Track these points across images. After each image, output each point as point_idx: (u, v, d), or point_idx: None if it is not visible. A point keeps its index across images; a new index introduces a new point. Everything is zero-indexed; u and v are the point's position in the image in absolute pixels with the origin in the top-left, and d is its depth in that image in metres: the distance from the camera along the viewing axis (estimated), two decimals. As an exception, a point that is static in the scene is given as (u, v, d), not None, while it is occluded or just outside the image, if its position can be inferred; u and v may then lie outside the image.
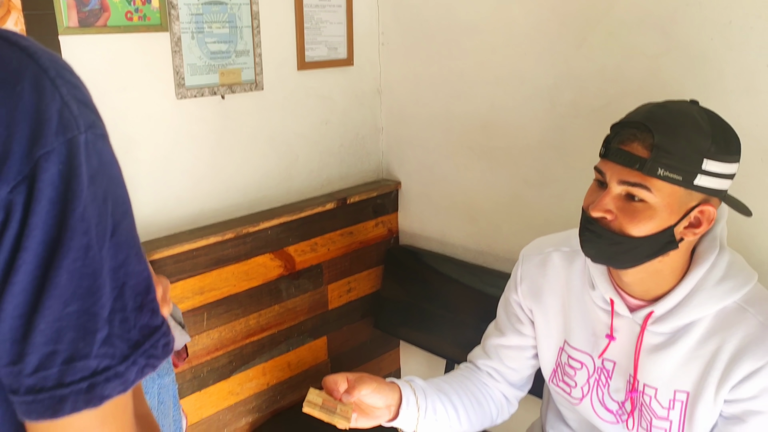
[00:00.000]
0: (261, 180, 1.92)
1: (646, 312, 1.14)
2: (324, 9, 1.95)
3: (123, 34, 1.55)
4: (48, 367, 0.49)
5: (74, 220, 0.49)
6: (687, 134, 0.99)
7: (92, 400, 0.51)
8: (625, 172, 1.02)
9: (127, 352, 0.52)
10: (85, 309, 0.50)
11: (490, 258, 2.01)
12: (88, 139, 0.50)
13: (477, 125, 1.93)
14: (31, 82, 0.48)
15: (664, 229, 1.03)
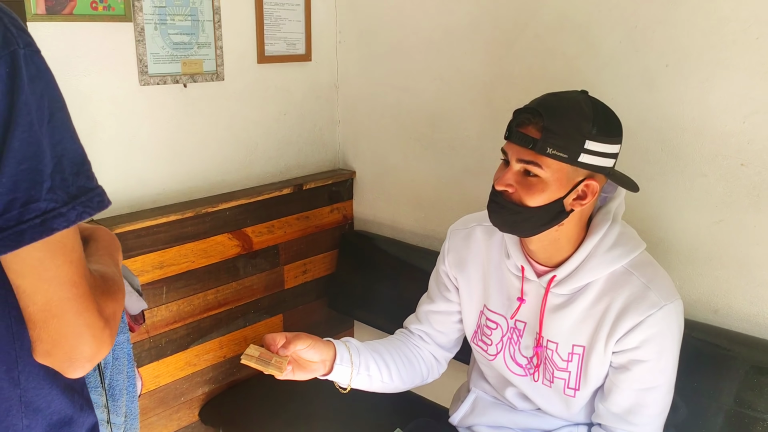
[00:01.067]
0: (221, 165, 2.05)
1: (549, 276, 1.30)
2: (283, 7, 2.10)
3: (88, 22, 1.68)
4: (10, 210, 0.67)
5: (19, 104, 0.67)
6: (572, 118, 1.16)
7: (44, 231, 0.68)
8: (522, 152, 1.18)
9: (67, 200, 0.70)
10: (33, 167, 0.68)
11: (435, 242, 2.16)
12: (26, 53, 0.68)
13: (424, 118, 2.09)
14: None
15: (555, 200, 1.19)
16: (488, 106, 1.90)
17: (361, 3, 2.18)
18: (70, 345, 0.72)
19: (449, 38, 1.95)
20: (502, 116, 1.86)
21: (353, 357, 1.38)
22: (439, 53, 2.00)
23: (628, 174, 1.27)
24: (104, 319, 0.75)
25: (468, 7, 1.88)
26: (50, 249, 0.70)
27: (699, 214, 1.53)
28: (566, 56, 1.68)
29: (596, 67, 1.62)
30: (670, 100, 1.52)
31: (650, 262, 1.28)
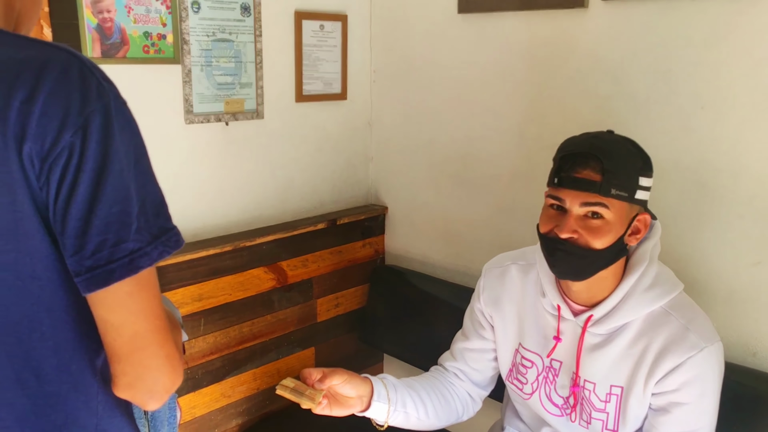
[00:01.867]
0: (259, 200, 2.11)
1: (586, 315, 1.31)
2: (321, 48, 2.17)
3: (140, 65, 1.75)
4: (101, 250, 0.73)
5: (112, 152, 0.73)
6: (625, 158, 1.20)
7: (132, 270, 0.74)
8: (584, 196, 1.20)
9: (150, 240, 0.76)
10: (123, 209, 0.74)
11: (466, 277, 2.18)
12: (116, 104, 0.75)
13: (456, 156, 2.13)
14: (77, 69, 0.73)
15: (617, 239, 1.22)
16: (521, 146, 1.94)
17: (395, 44, 2.25)
18: (152, 377, 0.77)
19: (482, 78, 2.00)
20: (535, 155, 1.90)
21: (390, 393, 1.40)
22: (472, 93, 2.04)
23: (663, 215, 1.29)
24: (178, 350, 0.80)
25: (501, 49, 1.93)
26: (138, 284, 0.75)
27: (736, 256, 1.54)
28: (599, 97, 1.72)
29: (630, 108, 1.66)
30: (705, 141, 1.55)
31: (689, 303, 1.29)
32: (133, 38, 1.72)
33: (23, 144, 0.70)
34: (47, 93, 0.70)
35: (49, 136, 0.70)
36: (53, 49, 0.74)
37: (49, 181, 0.72)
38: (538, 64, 1.84)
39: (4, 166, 0.70)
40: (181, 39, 1.82)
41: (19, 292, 0.74)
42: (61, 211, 0.72)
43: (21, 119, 0.69)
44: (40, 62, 0.72)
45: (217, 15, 1.88)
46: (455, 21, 2.03)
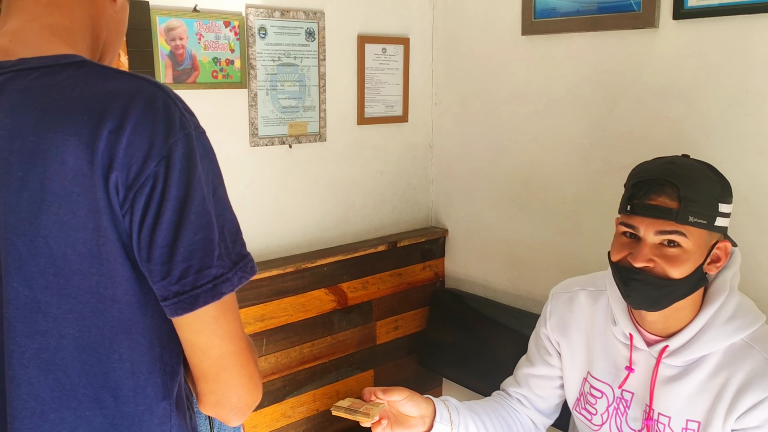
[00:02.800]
0: (320, 222, 2.12)
1: (661, 346, 1.26)
2: (383, 71, 2.19)
3: (209, 90, 1.80)
4: (186, 276, 0.75)
5: (195, 181, 0.75)
6: (703, 184, 1.16)
7: (216, 295, 0.76)
8: (660, 224, 1.15)
9: (231, 266, 0.78)
10: (206, 236, 0.76)
11: (528, 302, 2.14)
12: (196, 134, 0.77)
13: (518, 179, 2.10)
14: (161, 100, 0.76)
15: (696, 268, 1.17)
16: (586, 169, 1.90)
17: (457, 66, 2.25)
18: (237, 395, 0.80)
19: (546, 99, 1.97)
20: (601, 179, 1.85)
21: (453, 416, 1.38)
22: (535, 114, 2.02)
23: (741, 242, 1.24)
24: (258, 370, 0.82)
25: (567, 71, 1.90)
26: (223, 308, 0.78)
27: (820, 285, 1.46)
28: (670, 120, 1.67)
29: (703, 131, 1.60)
30: (784, 165, 1.48)
31: (772, 337, 1.23)
32: (203, 64, 1.77)
33: (110, 173, 0.72)
34: (134, 123, 0.73)
35: (135, 166, 0.73)
36: (140, 81, 0.77)
37: (133, 208, 0.74)
38: (605, 85, 1.81)
39: (91, 193, 0.73)
40: (248, 64, 1.86)
41: (100, 315, 0.76)
42: (147, 238, 0.75)
43: (109, 149, 0.72)
44: (127, 94, 0.74)
45: (283, 40, 1.92)
46: (519, 43, 2.01)
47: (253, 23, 1.85)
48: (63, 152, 0.72)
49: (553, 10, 1.88)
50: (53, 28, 0.81)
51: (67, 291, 0.75)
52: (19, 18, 0.81)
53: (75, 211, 0.73)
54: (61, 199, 0.72)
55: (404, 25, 2.24)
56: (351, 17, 2.09)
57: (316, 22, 1.98)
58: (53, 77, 0.76)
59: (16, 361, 0.76)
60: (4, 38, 0.80)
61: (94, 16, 0.87)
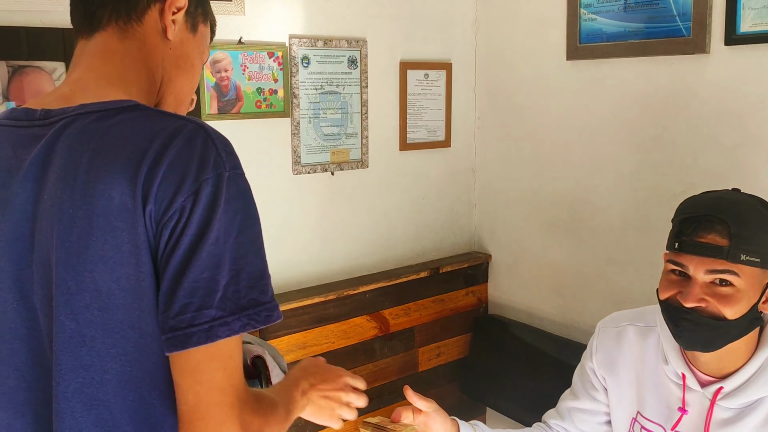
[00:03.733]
0: (362, 248, 2.12)
1: (716, 387, 1.21)
2: (425, 97, 2.18)
3: (252, 119, 1.82)
4: (184, 313, 0.74)
5: (215, 220, 0.75)
6: (755, 220, 1.10)
7: (210, 337, 0.74)
8: (710, 262, 1.10)
9: (235, 311, 0.76)
10: (212, 277, 0.75)
11: (574, 331, 2.09)
12: (230, 175, 0.77)
13: (564, 205, 2.06)
14: (201, 139, 0.77)
15: (750, 307, 1.12)
16: (634, 196, 1.85)
17: (500, 91, 2.22)
18: None
19: (592, 125, 1.94)
20: (651, 207, 1.80)
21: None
22: (581, 139, 1.98)
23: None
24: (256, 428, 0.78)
25: (613, 96, 1.86)
26: (208, 353, 0.76)
27: None
28: (723, 147, 1.61)
29: (760, 158, 1.55)
30: None
31: (835, 380, 1.16)
32: (247, 94, 1.79)
33: (146, 206, 0.74)
34: (171, 159, 0.75)
35: (166, 200, 0.74)
36: (184, 120, 0.80)
37: (159, 241, 0.76)
38: (654, 111, 1.76)
39: (133, 227, 0.75)
40: (291, 93, 1.88)
41: (143, 350, 0.77)
42: (162, 270, 0.76)
43: (147, 183, 0.74)
44: (169, 132, 0.77)
45: (326, 69, 1.93)
46: (564, 68, 1.98)
47: (297, 53, 1.87)
48: (110, 189, 0.75)
49: (599, 35, 1.85)
50: (108, 77, 0.86)
51: (111, 325, 0.76)
52: (79, 69, 0.87)
53: (119, 246, 0.75)
54: (107, 234, 0.75)
55: (446, 50, 2.23)
56: (393, 44, 2.09)
57: (358, 50, 1.99)
58: (107, 120, 0.80)
59: (61, 395, 0.77)
60: (66, 87, 0.86)
61: (146, 59, 0.90)
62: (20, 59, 1.49)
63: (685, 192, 1.72)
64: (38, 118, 0.83)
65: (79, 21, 0.90)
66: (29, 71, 1.51)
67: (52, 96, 0.87)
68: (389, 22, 2.07)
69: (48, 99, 0.86)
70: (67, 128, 0.80)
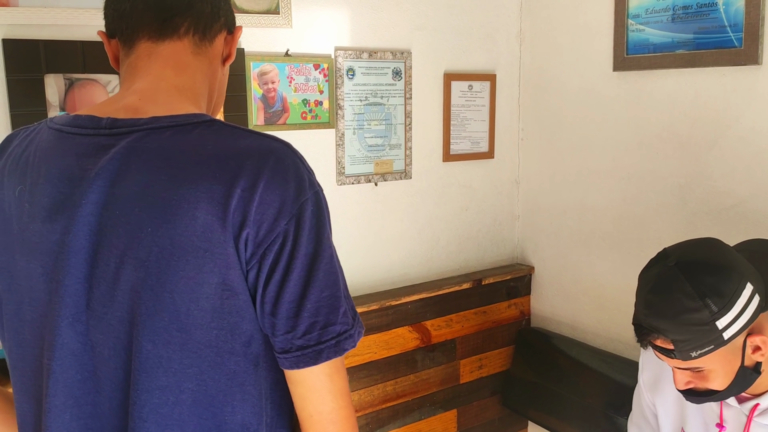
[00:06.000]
0: (405, 259, 2.13)
1: (752, 404, 1.20)
2: (469, 108, 2.18)
3: (298, 130, 1.85)
4: (311, 332, 0.76)
5: (324, 239, 0.78)
6: (687, 319, 1.08)
7: (338, 351, 0.78)
8: (671, 362, 1.14)
9: (352, 323, 0.80)
10: (332, 294, 0.77)
11: (619, 345, 2.05)
12: (320, 193, 0.80)
13: (609, 217, 2.03)
14: (292, 161, 0.78)
15: (736, 371, 1.13)
16: (683, 209, 1.81)
17: (545, 102, 2.21)
18: None
19: (639, 136, 1.91)
20: (700, 220, 1.77)
21: None
22: (627, 151, 1.95)
23: None
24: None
25: (661, 108, 1.83)
26: (336, 366, 0.79)
27: None
28: (777, 160, 1.57)
29: (814, 173, 1.50)
30: None
31: None
32: (293, 106, 1.82)
33: (242, 230, 0.74)
34: (266, 182, 0.74)
35: (266, 223, 0.74)
36: (269, 140, 0.80)
37: (261, 264, 0.75)
38: (703, 123, 1.73)
39: (221, 249, 0.74)
40: (336, 104, 1.90)
41: (218, 368, 0.77)
42: (273, 293, 0.76)
43: (242, 206, 0.74)
44: (259, 153, 0.77)
45: (370, 80, 1.95)
46: (610, 79, 1.96)
47: (342, 65, 1.89)
48: (194, 209, 0.73)
49: (647, 46, 1.82)
50: (180, 88, 0.85)
51: (189, 346, 0.76)
52: (148, 78, 0.84)
53: (201, 267, 0.74)
54: (189, 254, 0.73)
55: (491, 61, 2.23)
56: (437, 55, 2.10)
57: (402, 62, 2.01)
58: (185, 136, 0.78)
59: (137, 415, 0.77)
60: (134, 96, 0.83)
61: (211, 79, 0.90)
62: (76, 72, 1.55)
63: (735, 206, 1.68)
64: (104, 126, 0.80)
65: (146, 21, 0.85)
66: (85, 83, 1.56)
67: (117, 104, 0.83)
68: (434, 33, 2.08)
69: (113, 107, 0.83)
70: (141, 142, 0.78)
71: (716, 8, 1.64)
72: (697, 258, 1.11)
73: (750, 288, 1.10)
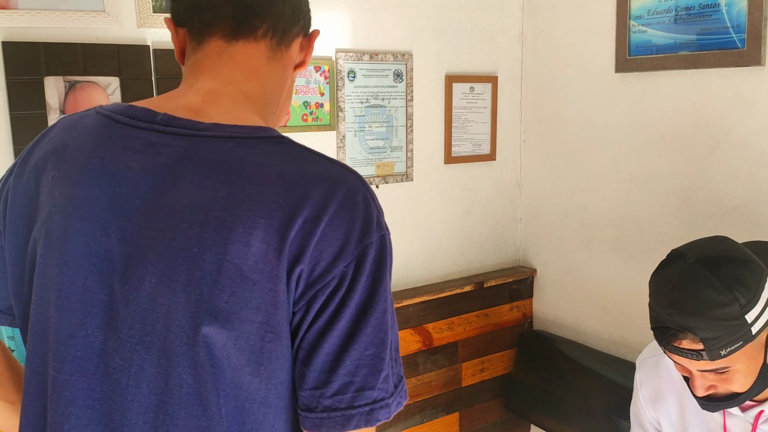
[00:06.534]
0: (407, 261, 2.12)
1: (756, 411, 1.19)
2: (471, 110, 2.17)
3: (298, 132, 1.84)
4: (344, 392, 0.67)
5: (380, 290, 0.68)
6: (717, 314, 1.05)
7: (370, 421, 0.68)
8: (696, 363, 1.10)
9: (392, 391, 0.70)
10: (377, 353, 0.68)
11: (622, 348, 2.04)
12: (387, 237, 0.71)
13: (612, 219, 2.02)
14: (362, 196, 0.69)
15: (759, 370, 1.11)
16: (686, 211, 1.80)
17: (547, 104, 2.20)
18: None
19: (641, 138, 1.90)
20: (703, 222, 1.76)
21: None
22: (630, 153, 1.94)
23: None
24: None
25: (664, 109, 1.82)
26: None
27: None
28: (780, 162, 1.56)
29: (818, 174, 1.49)
30: None
31: None
32: (294, 108, 1.82)
33: (297, 265, 0.65)
34: (331, 216, 0.66)
35: (324, 262, 0.66)
36: (341, 169, 0.71)
37: (309, 307, 0.67)
38: (706, 125, 1.72)
39: (270, 284, 0.65)
40: (337, 107, 1.90)
41: (244, 415, 0.68)
42: (312, 340, 0.67)
43: (301, 239, 0.65)
44: (329, 182, 0.68)
45: (371, 82, 1.95)
46: (612, 81, 1.95)
47: (343, 67, 1.89)
48: (249, 234, 0.64)
49: (649, 47, 1.81)
50: (248, 96, 0.76)
51: (219, 384, 0.67)
52: (214, 80, 0.76)
53: (247, 301, 0.65)
54: (236, 285, 0.65)
55: (492, 63, 2.22)
56: (439, 57, 2.10)
57: (404, 64, 2.00)
58: (249, 151, 0.69)
59: None
60: (196, 96, 0.74)
61: (282, 85, 0.82)
62: (77, 74, 1.55)
63: (738, 207, 1.67)
64: (159, 122, 0.71)
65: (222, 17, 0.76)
66: (85, 86, 1.56)
67: (176, 101, 0.74)
68: (435, 35, 2.08)
69: (172, 104, 0.74)
70: (200, 150, 0.69)
71: (719, 9, 1.63)
72: (717, 253, 1.10)
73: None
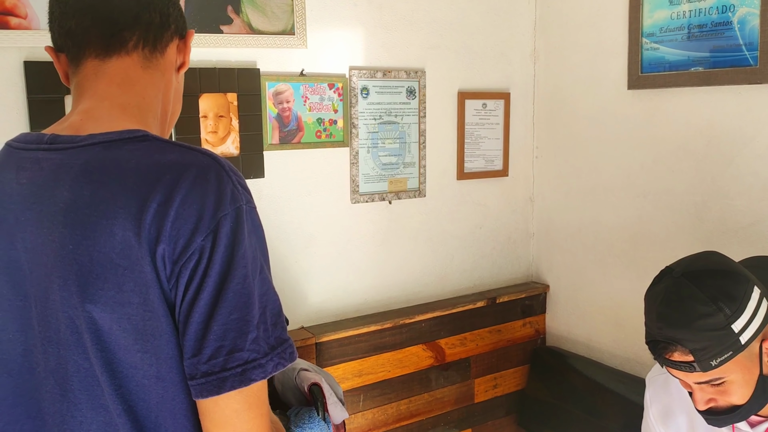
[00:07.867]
0: (419, 277, 2.12)
1: (765, 426, 1.19)
2: (483, 126, 2.18)
3: (312, 149, 1.86)
4: (216, 357, 0.72)
5: (238, 258, 0.73)
6: (704, 325, 1.06)
7: (244, 380, 0.72)
8: (691, 377, 1.11)
9: (267, 351, 0.74)
10: (242, 317, 0.73)
11: (636, 365, 2.03)
12: (247, 209, 0.75)
13: (625, 236, 2.02)
14: (216, 173, 0.74)
15: (756, 381, 1.11)
16: (700, 228, 1.80)
17: (559, 120, 2.21)
18: None
19: (654, 154, 1.90)
20: (717, 239, 1.75)
21: None
22: (643, 169, 1.94)
23: None
24: None
25: (677, 126, 1.82)
26: (247, 401, 0.73)
27: None
28: (795, 179, 1.56)
29: (833, 192, 1.48)
30: None
31: None
32: (308, 125, 1.84)
33: (157, 245, 0.71)
34: (183, 196, 0.72)
35: (182, 239, 0.71)
36: (196, 153, 0.76)
37: (178, 283, 0.72)
38: (719, 141, 1.72)
39: (138, 266, 0.71)
40: (351, 123, 1.91)
41: (145, 392, 0.74)
42: (185, 313, 0.72)
43: (157, 221, 0.71)
44: (180, 166, 0.74)
45: (385, 99, 1.96)
46: (625, 97, 1.96)
47: (356, 84, 1.91)
48: (112, 225, 0.71)
49: (662, 64, 1.82)
50: (124, 106, 0.82)
51: (114, 365, 0.73)
52: (92, 99, 0.82)
53: (121, 285, 0.71)
54: (108, 272, 0.71)
55: (505, 79, 2.23)
56: (451, 74, 2.11)
57: (417, 81, 2.02)
58: (113, 151, 0.75)
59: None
60: (78, 116, 0.81)
61: (165, 90, 0.87)
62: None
63: (753, 224, 1.66)
64: (45, 142, 0.79)
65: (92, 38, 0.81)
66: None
67: (63, 123, 0.82)
68: (447, 52, 2.10)
69: (60, 126, 0.82)
70: (71, 159, 0.76)
71: (731, 27, 1.64)
72: (702, 266, 1.13)
73: (758, 291, 1.10)
